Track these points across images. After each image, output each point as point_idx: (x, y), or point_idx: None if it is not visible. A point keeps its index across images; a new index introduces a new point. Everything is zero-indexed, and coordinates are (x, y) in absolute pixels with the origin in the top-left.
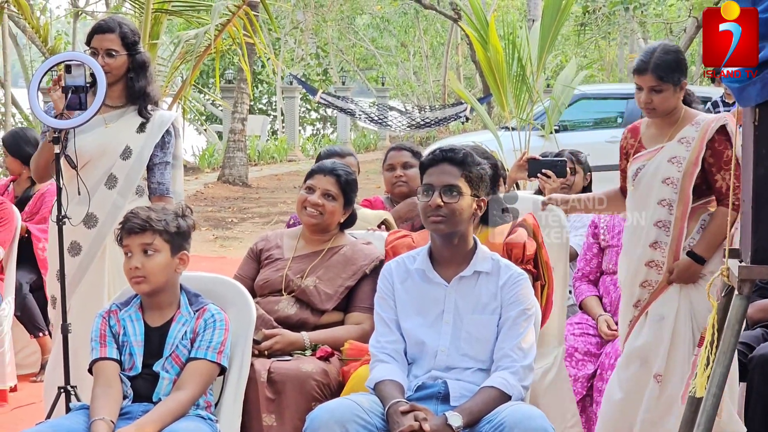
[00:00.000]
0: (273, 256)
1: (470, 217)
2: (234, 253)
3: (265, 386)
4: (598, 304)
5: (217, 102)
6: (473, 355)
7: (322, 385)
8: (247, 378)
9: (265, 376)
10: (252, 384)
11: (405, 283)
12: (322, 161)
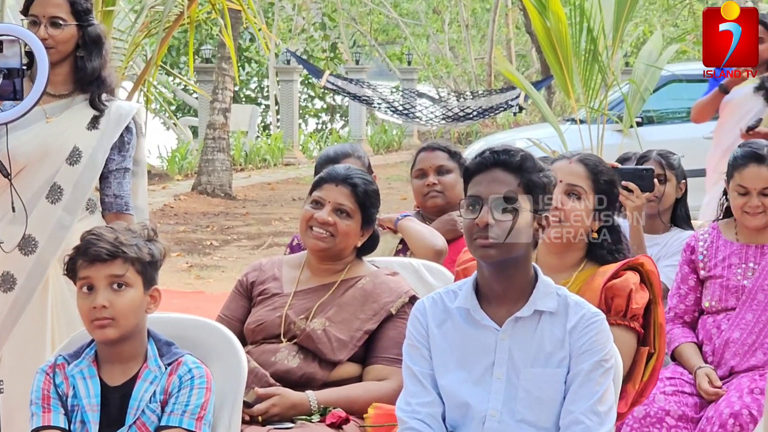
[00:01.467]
0: (269, 290)
1: (530, 239)
2: (214, 286)
3: None
4: (697, 353)
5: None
6: (533, 421)
7: None
8: None
9: None
10: None
11: (443, 327)
12: (332, 167)
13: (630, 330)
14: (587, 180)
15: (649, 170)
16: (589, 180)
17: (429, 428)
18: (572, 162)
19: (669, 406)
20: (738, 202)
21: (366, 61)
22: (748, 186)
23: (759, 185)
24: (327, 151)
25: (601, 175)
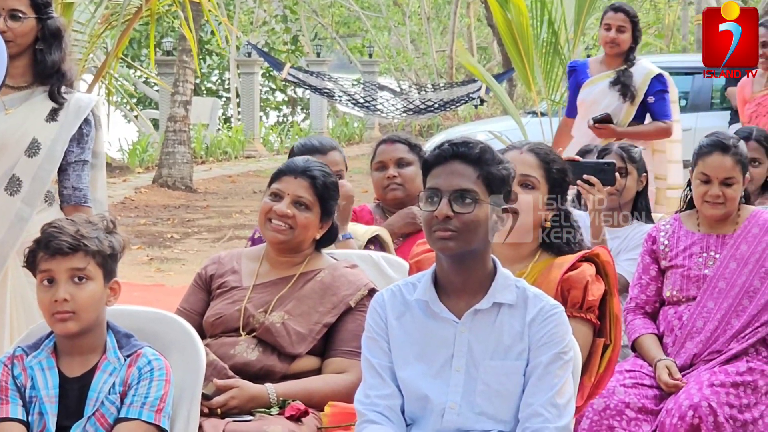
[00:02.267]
0: (228, 283)
1: (488, 231)
2: (175, 279)
3: None
4: (657, 345)
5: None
6: (492, 414)
7: None
8: None
9: None
10: None
11: (402, 319)
12: (291, 159)
13: (586, 322)
14: (539, 170)
15: (610, 164)
16: (541, 170)
17: (388, 421)
18: (523, 152)
19: (629, 399)
20: (699, 190)
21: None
22: (710, 174)
23: (721, 174)
24: (311, 140)
25: (552, 164)
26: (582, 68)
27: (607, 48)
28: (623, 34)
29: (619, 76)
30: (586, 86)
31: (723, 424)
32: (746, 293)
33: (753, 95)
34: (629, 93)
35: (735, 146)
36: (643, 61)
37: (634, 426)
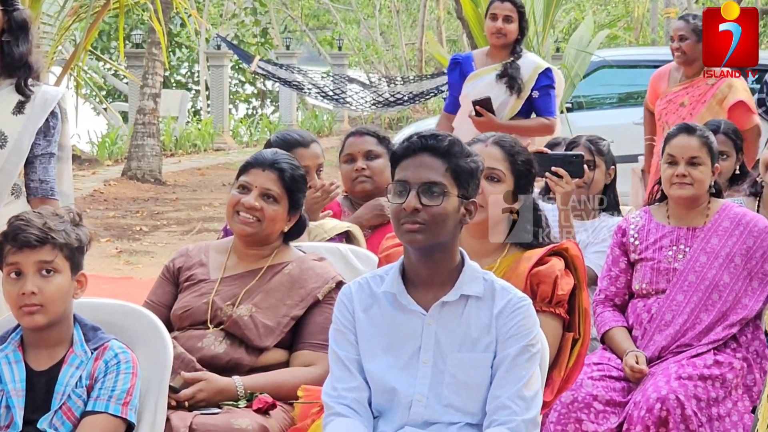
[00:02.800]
0: (195, 276)
1: (456, 224)
2: (144, 272)
3: None
4: (628, 337)
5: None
6: (460, 406)
7: None
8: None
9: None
10: None
11: (370, 312)
12: (260, 152)
13: (556, 316)
14: (505, 162)
15: (578, 156)
16: (507, 162)
17: (355, 413)
18: (488, 145)
19: (596, 391)
20: (667, 173)
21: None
22: (676, 155)
23: (686, 153)
24: (291, 132)
25: (518, 156)
26: (466, 61)
27: (494, 39)
28: (510, 24)
29: (506, 68)
30: (471, 79)
31: (690, 417)
32: (715, 288)
33: (666, 91)
34: (516, 86)
35: (701, 130)
36: (531, 55)
37: (602, 419)
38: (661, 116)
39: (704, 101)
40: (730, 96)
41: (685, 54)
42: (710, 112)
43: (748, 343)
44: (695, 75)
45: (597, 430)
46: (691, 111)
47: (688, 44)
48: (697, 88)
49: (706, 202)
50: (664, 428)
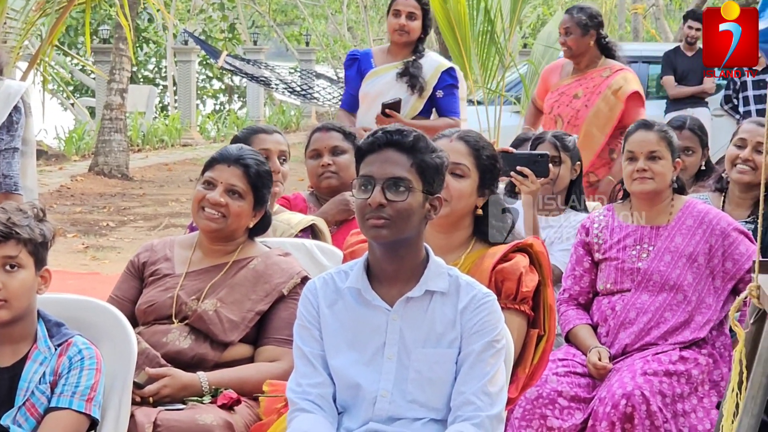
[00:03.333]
0: (160, 271)
1: (421, 220)
2: (110, 267)
3: None
4: (592, 334)
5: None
6: (424, 402)
7: None
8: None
9: (149, 430)
10: None
11: (334, 307)
12: (225, 147)
13: (520, 313)
14: (470, 157)
15: (543, 155)
16: (472, 157)
17: (319, 409)
18: (453, 140)
19: (561, 387)
20: (628, 169)
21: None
22: (635, 150)
23: (645, 148)
24: (255, 126)
25: (482, 150)
26: (365, 58)
27: (396, 36)
28: (413, 21)
29: (407, 67)
30: (370, 77)
31: (656, 412)
32: (680, 288)
33: (557, 84)
34: (418, 85)
35: (659, 125)
36: (433, 54)
37: (567, 415)
38: (553, 109)
39: (599, 92)
40: (625, 86)
41: (570, 49)
42: (606, 102)
43: (714, 339)
44: (587, 67)
45: (562, 426)
46: (586, 102)
47: (572, 38)
48: (591, 80)
49: (669, 198)
50: (629, 424)
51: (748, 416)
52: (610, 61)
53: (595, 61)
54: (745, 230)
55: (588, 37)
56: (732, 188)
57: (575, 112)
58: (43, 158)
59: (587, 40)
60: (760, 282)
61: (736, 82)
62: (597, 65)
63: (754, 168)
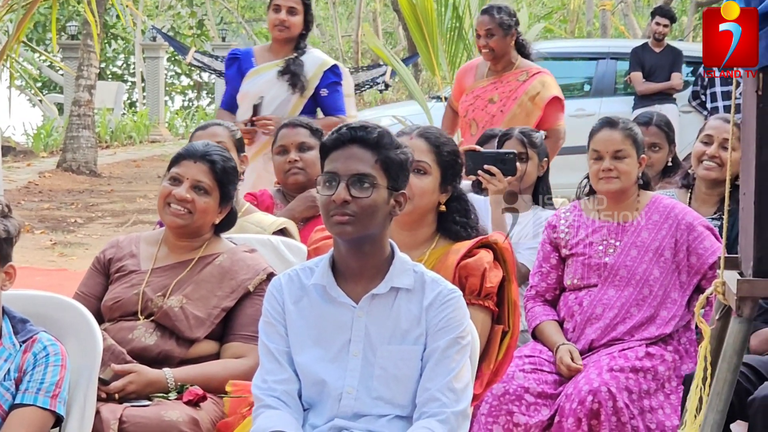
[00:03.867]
0: (126, 267)
1: (386, 216)
2: (78, 264)
3: None
4: (558, 330)
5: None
6: (390, 398)
7: None
8: (92, 429)
9: (115, 426)
10: None
11: (299, 304)
12: (191, 143)
13: (485, 309)
14: (431, 154)
15: (511, 154)
16: (432, 154)
17: (285, 406)
18: (413, 137)
19: (528, 384)
20: (593, 169)
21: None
22: (600, 150)
23: (610, 148)
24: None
25: (443, 147)
26: (246, 57)
27: (276, 32)
28: (294, 16)
29: (288, 64)
30: (251, 76)
31: (622, 409)
32: (646, 282)
33: (473, 87)
34: (299, 84)
35: (624, 122)
36: (315, 51)
37: (534, 411)
38: (468, 113)
39: (515, 98)
40: (543, 92)
41: (493, 51)
42: (522, 108)
43: (680, 335)
44: (504, 70)
45: (528, 422)
46: (501, 108)
47: (495, 40)
48: (507, 84)
49: (635, 194)
50: (595, 420)
51: (713, 412)
52: (527, 63)
53: (512, 62)
54: (710, 226)
55: (509, 38)
56: (698, 185)
57: (490, 117)
58: (10, 155)
59: (509, 41)
60: (725, 278)
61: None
62: (513, 67)
63: (720, 164)
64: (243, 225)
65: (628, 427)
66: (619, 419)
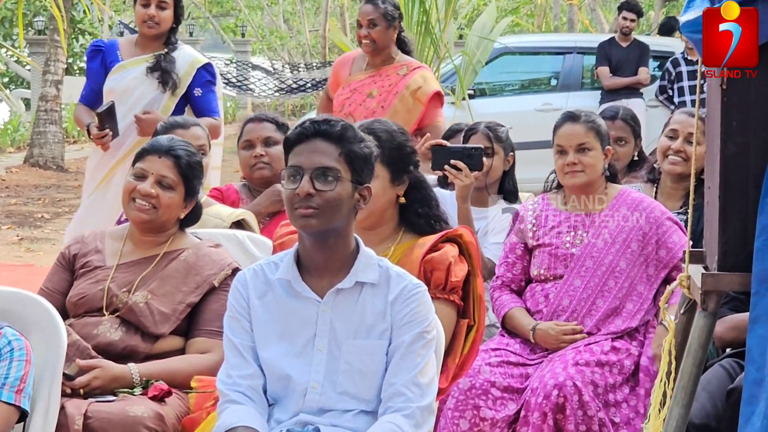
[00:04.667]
0: (91, 263)
1: (350, 210)
2: (45, 259)
3: None
4: (527, 314)
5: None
6: (355, 393)
7: None
8: (56, 425)
9: (80, 422)
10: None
11: (264, 299)
12: (156, 138)
13: (450, 303)
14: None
15: (478, 149)
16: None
17: (250, 401)
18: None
19: (494, 378)
20: (558, 163)
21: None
22: (563, 144)
23: (573, 141)
24: (176, 118)
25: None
26: (110, 50)
27: (144, 28)
28: (164, 11)
29: (158, 60)
30: (116, 71)
31: (588, 403)
32: (612, 273)
33: (349, 80)
34: (171, 82)
35: (586, 115)
36: (187, 47)
37: (500, 405)
38: (344, 107)
39: (396, 92)
40: (425, 86)
41: (374, 42)
42: (403, 103)
43: (646, 329)
44: (383, 64)
45: (495, 416)
46: (381, 103)
47: (378, 31)
48: (387, 78)
49: (602, 186)
50: (561, 414)
51: (678, 406)
52: (406, 57)
53: (392, 57)
54: (677, 220)
55: (392, 30)
56: (664, 179)
57: (370, 112)
58: None
59: (391, 34)
60: (690, 272)
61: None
62: (393, 61)
63: (685, 159)
64: (202, 217)
65: (594, 421)
66: (585, 413)
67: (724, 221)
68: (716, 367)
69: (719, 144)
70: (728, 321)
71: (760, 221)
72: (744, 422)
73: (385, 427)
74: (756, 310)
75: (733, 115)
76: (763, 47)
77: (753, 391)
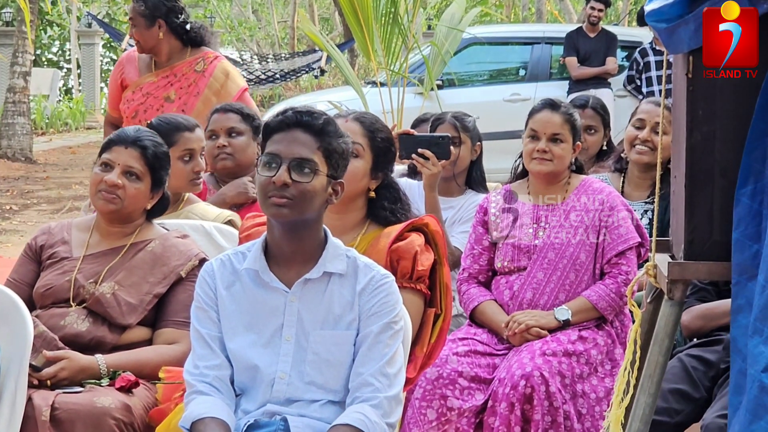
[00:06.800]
0: (58, 254)
1: (323, 203)
2: (13, 251)
3: (47, 427)
4: (499, 309)
5: None
6: (322, 384)
7: (124, 425)
8: (23, 416)
9: (47, 413)
10: (30, 424)
11: (231, 289)
12: (122, 129)
13: (417, 292)
14: (364, 138)
15: (445, 137)
16: (366, 138)
17: (217, 391)
18: (348, 121)
19: (462, 368)
20: (528, 148)
21: None
22: (538, 130)
23: (548, 129)
24: (175, 117)
25: (377, 132)
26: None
27: None
28: None
29: None
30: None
31: (555, 393)
32: (573, 267)
33: (139, 83)
34: None
35: (566, 106)
36: None
37: (467, 395)
38: (138, 113)
39: (197, 93)
40: (229, 83)
41: (138, 42)
42: (208, 106)
43: (613, 318)
44: (171, 61)
45: (462, 406)
46: (182, 107)
47: (137, 31)
48: (184, 78)
49: (566, 178)
50: (528, 405)
51: (645, 395)
52: (201, 50)
53: (179, 53)
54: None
55: (156, 28)
56: (631, 169)
57: None
58: None
59: (155, 32)
60: (656, 261)
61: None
62: (185, 57)
63: (652, 149)
64: (188, 216)
65: (561, 411)
66: (552, 404)
67: (690, 210)
68: (673, 361)
69: (685, 133)
70: (695, 311)
71: (736, 213)
72: (733, 411)
73: (352, 417)
74: (738, 301)
75: (698, 104)
76: None
77: (739, 380)
